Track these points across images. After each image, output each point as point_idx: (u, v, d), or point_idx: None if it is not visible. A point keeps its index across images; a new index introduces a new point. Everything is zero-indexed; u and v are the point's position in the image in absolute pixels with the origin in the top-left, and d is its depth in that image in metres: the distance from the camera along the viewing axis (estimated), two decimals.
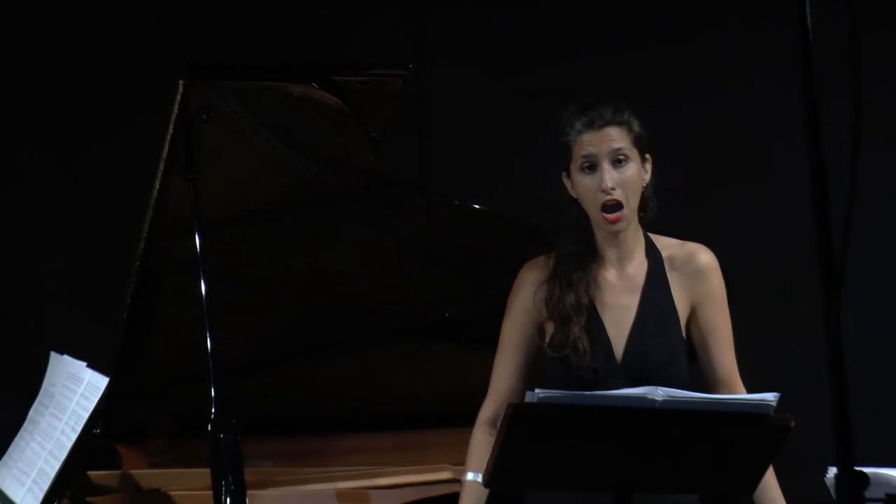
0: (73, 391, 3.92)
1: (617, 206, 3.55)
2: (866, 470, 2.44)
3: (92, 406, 3.81)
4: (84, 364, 3.96)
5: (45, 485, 3.80)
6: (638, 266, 3.67)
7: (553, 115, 3.67)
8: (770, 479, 3.56)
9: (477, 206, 4.22)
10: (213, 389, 3.68)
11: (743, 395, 3.25)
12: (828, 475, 3.61)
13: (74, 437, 3.80)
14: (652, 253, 3.69)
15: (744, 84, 5.37)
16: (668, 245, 3.70)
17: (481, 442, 3.62)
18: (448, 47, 5.43)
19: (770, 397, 3.20)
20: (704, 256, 3.70)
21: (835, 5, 2.24)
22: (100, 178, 5.15)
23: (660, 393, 3.21)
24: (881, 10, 5.27)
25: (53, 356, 4.16)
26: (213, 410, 3.67)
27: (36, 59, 5.41)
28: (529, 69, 5.46)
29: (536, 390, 3.24)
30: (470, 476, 3.65)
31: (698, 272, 3.68)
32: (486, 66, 5.45)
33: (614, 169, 3.54)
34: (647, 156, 3.61)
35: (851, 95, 2.23)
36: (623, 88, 5.33)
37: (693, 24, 5.59)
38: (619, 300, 3.65)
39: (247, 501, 3.61)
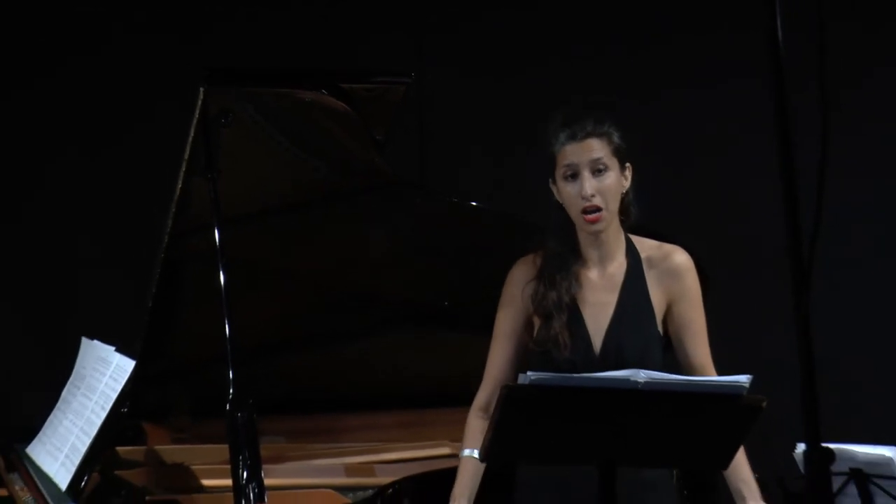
0: (103, 373, 3.92)
1: (595, 209, 3.54)
2: (832, 446, 2.44)
3: (120, 387, 3.80)
4: (113, 348, 3.96)
5: (77, 459, 3.80)
6: (618, 266, 3.66)
7: (546, 117, 3.66)
8: (741, 460, 3.56)
9: (473, 204, 4.21)
10: (230, 372, 3.68)
11: (718, 378, 3.25)
12: (796, 451, 3.61)
13: (104, 415, 3.80)
14: (631, 253, 3.68)
15: (720, 83, 5.33)
16: (647, 246, 3.69)
17: (475, 426, 3.62)
18: (447, 51, 5.41)
19: (743, 379, 3.20)
20: (680, 257, 3.69)
21: None
22: (127, 177, 5.15)
23: (642, 375, 3.21)
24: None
25: (84, 341, 4.15)
26: (230, 391, 3.66)
27: (73, 67, 5.39)
28: (525, 71, 5.43)
29: (528, 373, 3.25)
30: (466, 452, 3.64)
31: (674, 272, 3.68)
32: (484, 69, 5.43)
33: (594, 177, 3.53)
34: (627, 164, 3.60)
35: (820, 100, 2.23)
36: (620, 87, 5.35)
37: (683, 23, 5.54)
38: (599, 297, 3.65)
39: (262, 475, 3.61)
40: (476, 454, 3.61)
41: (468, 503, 3.63)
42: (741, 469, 3.61)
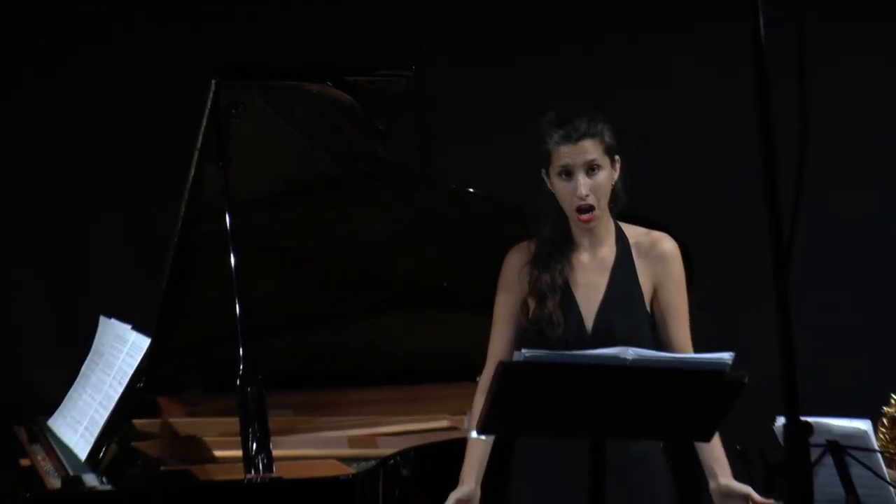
0: (120, 350, 3.92)
1: (589, 208, 3.54)
2: (809, 420, 2.44)
3: (136, 363, 3.81)
4: (129, 327, 3.96)
5: (96, 431, 3.80)
6: (608, 250, 3.67)
7: (539, 112, 3.66)
8: (715, 440, 3.58)
9: (470, 191, 4.21)
10: (241, 349, 3.68)
11: (702, 355, 3.24)
12: (776, 424, 3.61)
13: (121, 390, 3.81)
14: (621, 239, 3.68)
15: (706, 75, 5.31)
16: (635, 233, 3.70)
17: (480, 404, 3.62)
18: (446, 49, 5.40)
19: (726, 356, 3.21)
20: (667, 244, 3.70)
21: None
22: (144, 164, 5.14)
23: (630, 353, 3.21)
24: None
25: (103, 320, 4.16)
26: (240, 367, 3.67)
27: (91, 56, 5.35)
28: (520, 67, 5.42)
29: (523, 350, 3.25)
30: (474, 434, 3.65)
31: (661, 257, 3.68)
32: (481, 66, 5.41)
33: (588, 177, 3.53)
34: (616, 157, 3.60)
35: (798, 95, 2.23)
36: (612, 82, 5.33)
37: (669, 18, 5.51)
38: (590, 280, 3.65)
39: (270, 446, 3.61)
40: (483, 437, 3.62)
41: (476, 483, 3.64)
42: (714, 448, 3.63)
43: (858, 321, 5.30)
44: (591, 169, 3.54)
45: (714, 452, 3.62)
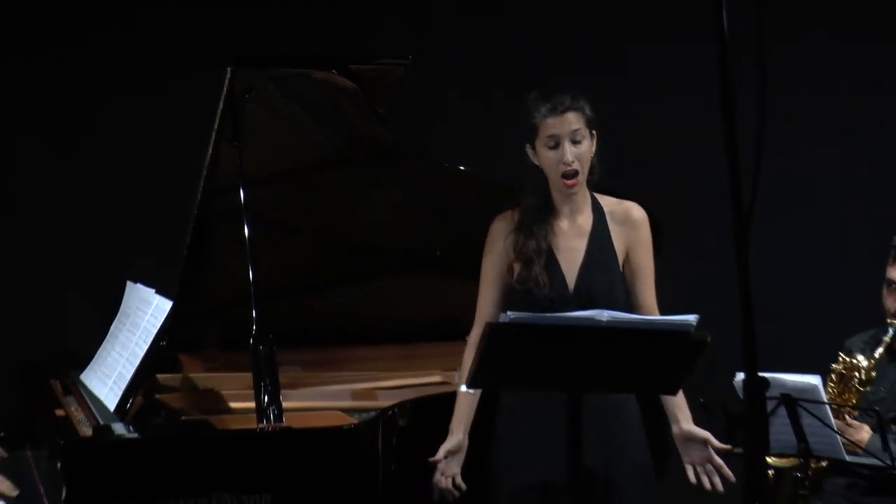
0: (145, 312, 3.91)
1: (574, 174, 3.58)
2: (766, 375, 2.43)
3: (159, 324, 3.79)
4: (153, 290, 3.95)
5: (123, 385, 3.80)
6: (585, 218, 3.69)
7: (523, 94, 3.66)
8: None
9: (461, 168, 4.20)
10: (254, 311, 3.67)
11: (669, 317, 3.25)
12: (736, 379, 3.62)
13: (145, 347, 3.80)
14: (596, 208, 3.71)
15: (672, 52, 5.25)
16: (608, 202, 3.72)
17: (470, 360, 3.62)
18: (445, 33, 5.35)
19: (691, 318, 3.22)
20: (638, 212, 3.73)
21: None
22: (165, 144, 5.10)
23: (605, 315, 3.22)
24: None
25: (129, 285, 4.14)
26: (254, 328, 3.66)
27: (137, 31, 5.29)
28: (515, 48, 5.37)
29: (508, 312, 3.26)
30: (463, 388, 3.65)
31: (633, 224, 3.71)
32: (477, 50, 5.37)
33: (572, 146, 3.56)
34: (594, 132, 3.62)
35: (758, 67, 2.21)
36: (598, 60, 5.27)
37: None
38: (570, 244, 3.67)
39: (280, 399, 3.60)
40: (470, 390, 3.62)
41: (464, 434, 3.66)
42: (677, 397, 3.64)
43: (811, 287, 5.30)
44: (575, 140, 3.56)
45: (676, 401, 3.64)
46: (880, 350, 4.14)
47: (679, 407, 3.65)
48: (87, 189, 5.26)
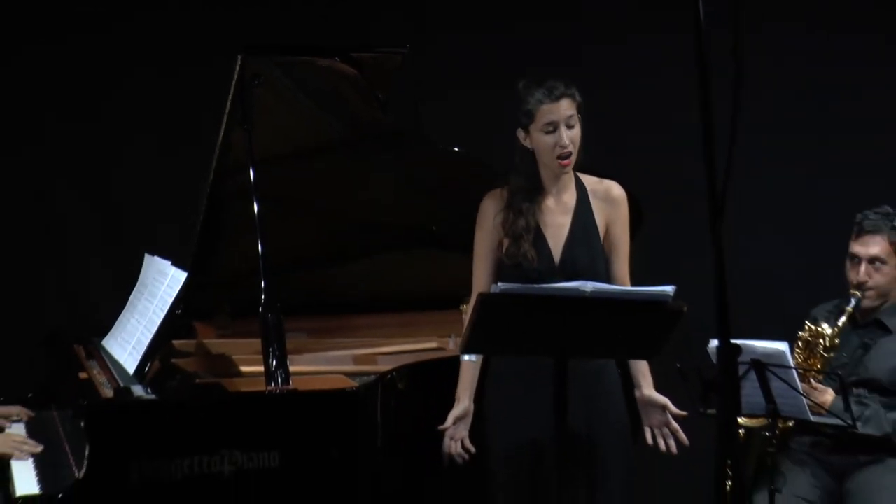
0: (161, 283, 3.90)
1: (569, 155, 3.58)
2: (738, 342, 2.43)
3: (175, 293, 3.79)
4: (169, 262, 3.94)
5: (142, 350, 3.79)
6: (570, 196, 3.69)
7: (510, 82, 3.64)
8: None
9: (455, 150, 4.19)
10: (262, 282, 3.66)
11: (648, 287, 3.24)
12: (710, 346, 3.61)
13: (162, 315, 3.79)
14: (580, 187, 3.71)
15: (651, 38, 5.21)
16: (590, 181, 3.73)
17: None
18: (440, 24, 5.31)
19: (668, 289, 3.22)
20: (617, 190, 3.73)
21: None
22: (180, 130, 5.07)
23: (588, 286, 3.23)
24: None
25: (147, 257, 4.14)
26: (262, 297, 3.65)
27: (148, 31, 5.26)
28: (504, 38, 5.34)
29: (499, 284, 3.26)
30: (465, 358, 3.65)
31: (612, 201, 3.71)
32: (470, 40, 5.33)
33: (568, 130, 3.56)
34: (580, 116, 3.61)
35: (734, 54, 2.20)
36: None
37: None
38: (556, 221, 3.67)
39: (287, 363, 3.60)
40: (475, 358, 3.63)
41: (469, 400, 3.67)
42: (641, 364, 3.69)
43: (780, 261, 5.30)
44: (569, 124, 3.56)
45: (641, 367, 3.67)
46: (843, 319, 4.14)
47: (643, 374, 3.67)
48: (109, 164, 5.22)
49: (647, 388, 3.66)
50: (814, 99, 5.36)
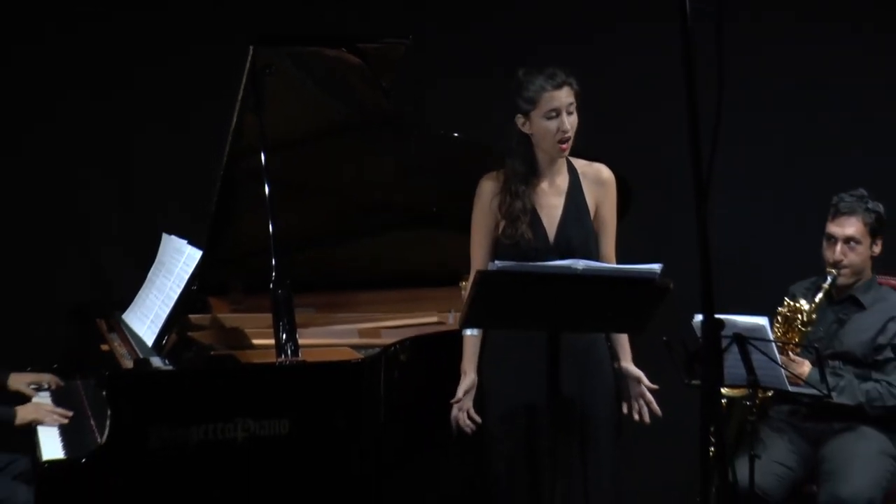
0: (178, 260, 3.90)
1: (569, 139, 3.57)
2: (721, 317, 2.43)
3: (191, 270, 3.79)
4: (186, 241, 3.94)
5: (160, 324, 3.80)
6: (562, 179, 3.68)
7: (504, 69, 3.63)
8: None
9: (455, 135, 4.18)
10: (273, 260, 3.66)
11: (637, 265, 3.24)
12: (695, 320, 3.61)
13: (179, 291, 3.79)
14: (571, 170, 3.70)
15: (636, 28, 5.18)
16: (581, 164, 3.72)
17: None
18: (440, 15, 5.28)
19: (656, 267, 3.21)
20: (606, 172, 3.72)
21: None
22: (193, 115, 5.05)
23: (580, 264, 3.23)
24: None
25: (164, 236, 4.14)
26: (273, 274, 3.65)
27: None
28: (499, 28, 5.31)
29: (495, 261, 3.26)
30: (468, 332, 3.65)
31: (602, 183, 3.70)
32: (467, 29, 5.30)
33: (569, 116, 3.55)
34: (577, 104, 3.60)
35: (717, 42, 2.19)
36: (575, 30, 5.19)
37: None
38: (550, 202, 3.66)
39: (296, 336, 3.60)
40: (476, 332, 3.62)
41: (474, 373, 3.66)
42: (622, 337, 3.68)
43: (761, 240, 5.29)
44: (569, 111, 3.58)
45: (621, 340, 3.68)
46: (820, 295, 4.15)
47: (622, 347, 3.67)
48: (126, 146, 5.21)
49: (624, 361, 3.66)
50: (799, 81, 5.34)
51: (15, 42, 5.14)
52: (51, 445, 3.61)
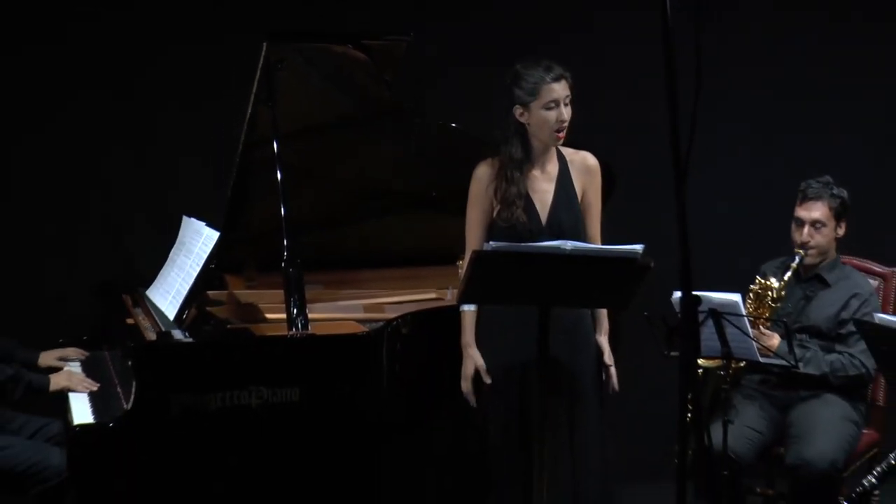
0: (197, 241, 3.90)
1: (565, 129, 3.57)
2: (697, 293, 2.43)
3: (209, 250, 3.79)
4: (204, 223, 3.94)
5: (180, 299, 3.80)
6: (553, 166, 3.68)
7: (500, 63, 3.61)
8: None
9: (453, 125, 4.17)
10: (285, 240, 3.66)
11: (620, 246, 3.24)
12: (674, 297, 3.61)
13: (198, 269, 3.79)
14: (560, 157, 3.70)
15: (622, 20, 5.14)
16: (568, 152, 3.72)
17: None
18: (439, 13, 5.25)
19: (638, 247, 3.22)
20: (592, 160, 3.72)
21: None
22: (212, 105, 5.02)
23: (569, 244, 3.23)
24: None
25: (185, 218, 4.14)
26: (285, 254, 3.65)
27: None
28: (494, 24, 5.28)
29: (490, 242, 3.26)
30: (465, 307, 3.64)
31: (588, 169, 3.70)
32: (465, 25, 5.27)
33: (567, 108, 3.56)
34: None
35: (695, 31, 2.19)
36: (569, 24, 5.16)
37: None
38: (542, 187, 3.66)
39: (306, 311, 3.60)
40: (471, 308, 3.62)
41: (475, 345, 3.64)
42: (601, 313, 3.69)
43: (735, 222, 5.29)
44: (566, 103, 3.57)
45: (600, 316, 3.69)
46: (789, 274, 4.15)
47: (600, 322, 3.68)
48: (146, 135, 5.18)
49: (601, 335, 3.68)
50: (773, 71, 5.32)
51: (45, 26, 5.07)
52: (81, 411, 3.63)
